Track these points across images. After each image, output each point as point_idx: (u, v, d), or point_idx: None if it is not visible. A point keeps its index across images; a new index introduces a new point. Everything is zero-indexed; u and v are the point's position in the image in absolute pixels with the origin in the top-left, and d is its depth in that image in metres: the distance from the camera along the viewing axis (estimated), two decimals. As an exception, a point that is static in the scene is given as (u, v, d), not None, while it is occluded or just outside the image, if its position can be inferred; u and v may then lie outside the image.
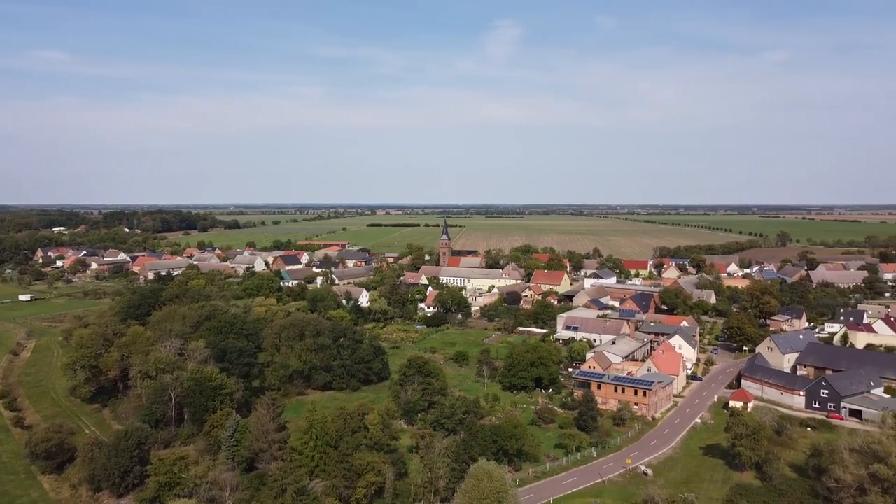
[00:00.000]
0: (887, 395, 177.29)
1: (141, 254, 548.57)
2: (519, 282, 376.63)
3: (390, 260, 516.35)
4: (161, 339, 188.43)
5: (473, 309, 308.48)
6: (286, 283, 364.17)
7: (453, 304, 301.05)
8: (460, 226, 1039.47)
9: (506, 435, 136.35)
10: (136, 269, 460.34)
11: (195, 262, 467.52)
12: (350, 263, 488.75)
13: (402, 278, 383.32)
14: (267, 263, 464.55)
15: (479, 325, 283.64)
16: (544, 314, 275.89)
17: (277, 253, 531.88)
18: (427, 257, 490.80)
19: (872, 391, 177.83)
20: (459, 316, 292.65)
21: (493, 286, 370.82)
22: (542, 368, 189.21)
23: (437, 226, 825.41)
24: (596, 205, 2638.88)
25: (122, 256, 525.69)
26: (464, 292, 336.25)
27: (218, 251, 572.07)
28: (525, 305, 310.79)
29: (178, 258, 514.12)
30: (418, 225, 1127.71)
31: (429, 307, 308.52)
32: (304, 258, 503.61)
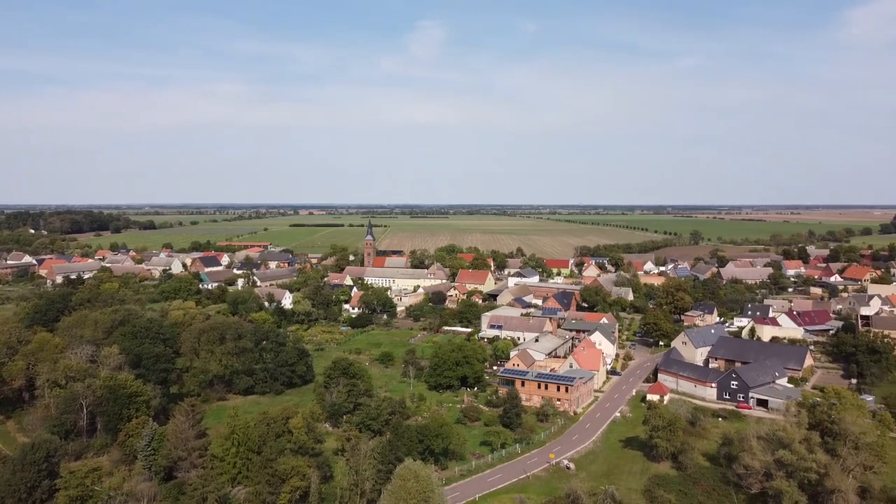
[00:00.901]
0: (790, 385, 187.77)
1: (48, 256, 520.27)
2: (444, 281, 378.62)
3: (314, 261, 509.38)
4: (71, 345, 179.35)
5: (399, 309, 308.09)
6: (205, 286, 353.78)
7: (378, 304, 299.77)
8: (385, 226, 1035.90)
9: (432, 434, 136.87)
10: (42, 272, 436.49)
11: (108, 265, 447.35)
12: (272, 265, 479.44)
13: (326, 279, 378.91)
14: (185, 265, 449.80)
15: (404, 326, 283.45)
16: (469, 313, 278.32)
17: (196, 254, 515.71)
18: (352, 258, 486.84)
19: (777, 381, 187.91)
20: (385, 316, 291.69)
21: (419, 286, 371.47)
22: (468, 367, 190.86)
23: (362, 226, 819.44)
24: (519, 205, 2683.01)
25: (28, 259, 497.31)
26: (389, 293, 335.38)
27: (132, 253, 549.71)
28: (450, 305, 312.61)
29: (90, 261, 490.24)
30: (342, 225, 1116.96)
31: (354, 308, 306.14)
32: (225, 260, 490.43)
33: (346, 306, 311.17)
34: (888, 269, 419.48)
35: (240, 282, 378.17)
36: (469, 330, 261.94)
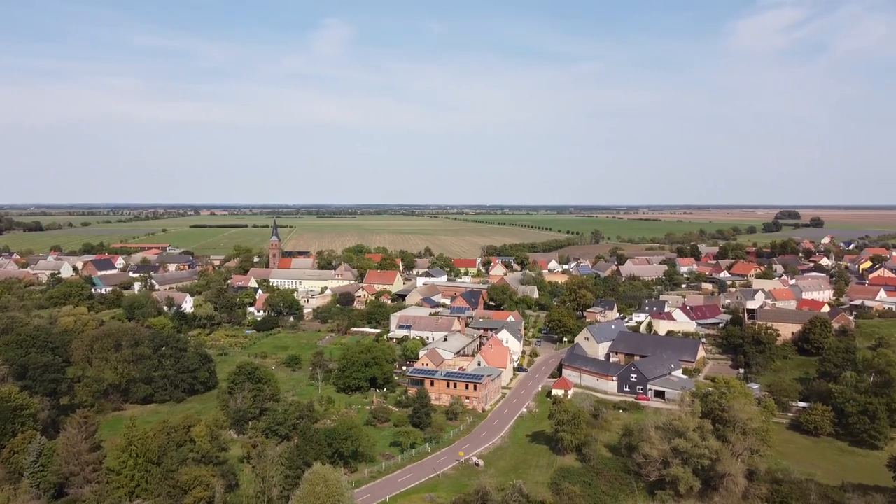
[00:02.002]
0: (685, 376, 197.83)
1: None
2: (352, 282, 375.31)
3: (216, 263, 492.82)
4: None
5: (306, 311, 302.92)
6: (99, 290, 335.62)
7: (285, 306, 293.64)
8: (291, 226, 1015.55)
9: (341, 437, 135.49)
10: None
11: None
12: (172, 267, 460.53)
13: (229, 282, 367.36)
14: (76, 269, 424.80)
15: (311, 328, 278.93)
16: (378, 314, 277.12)
17: (88, 257, 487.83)
18: (256, 259, 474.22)
19: (673, 373, 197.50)
20: (291, 319, 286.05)
21: (326, 287, 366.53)
22: (377, 368, 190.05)
23: (267, 226, 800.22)
24: (427, 205, 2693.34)
25: None
26: (295, 294, 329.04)
27: (16, 256, 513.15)
28: (358, 306, 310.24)
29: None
30: (246, 226, 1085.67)
31: (259, 311, 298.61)
32: (120, 262, 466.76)
33: (251, 309, 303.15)
34: (771, 265, 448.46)
35: (136, 285, 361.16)
36: (378, 331, 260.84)
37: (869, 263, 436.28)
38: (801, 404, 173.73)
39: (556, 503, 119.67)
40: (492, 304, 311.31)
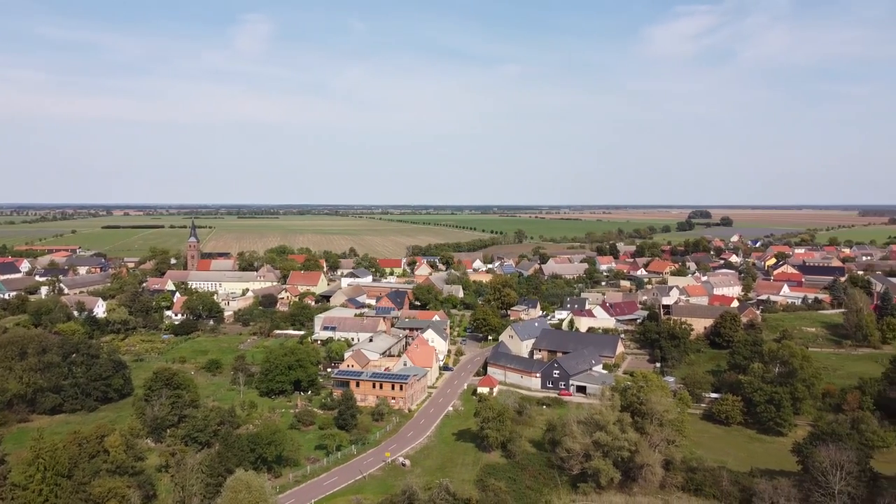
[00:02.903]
0: (605, 371, 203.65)
1: None
2: (275, 284, 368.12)
3: (131, 265, 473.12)
4: None
5: (227, 314, 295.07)
6: (2, 296, 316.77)
7: (204, 309, 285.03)
8: (210, 227, 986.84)
9: (264, 442, 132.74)
10: None
11: None
12: (82, 270, 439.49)
13: (144, 285, 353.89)
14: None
15: (233, 331, 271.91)
16: (302, 315, 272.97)
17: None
18: (174, 261, 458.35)
19: (594, 368, 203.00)
20: (211, 322, 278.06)
21: (248, 289, 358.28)
22: (301, 371, 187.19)
23: (185, 227, 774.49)
24: (351, 205, 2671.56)
25: None
26: (216, 297, 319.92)
27: None
28: (282, 308, 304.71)
29: None
30: (163, 226, 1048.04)
31: (177, 314, 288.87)
32: (25, 266, 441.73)
33: (169, 313, 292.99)
34: (684, 262, 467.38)
35: (43, 290, 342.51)
36: (302, 333, 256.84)
37: (774, 260, 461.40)
38: (714, 395, 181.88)
39: (482, 500, 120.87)
40: (417, 303, 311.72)
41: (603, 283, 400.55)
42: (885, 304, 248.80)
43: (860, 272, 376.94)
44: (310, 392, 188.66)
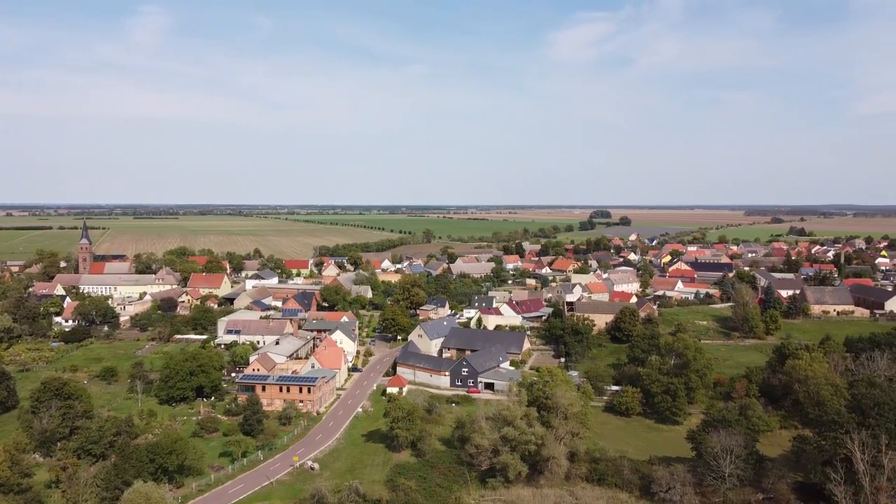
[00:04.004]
0: (512, 368, 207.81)
1: None
2: (174, 287, 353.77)
3: (15, 269, 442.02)
4: None
5: (122, 319, 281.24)
6: None
7: (97, 315, 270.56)
8: (104, 228, 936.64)
9: (164, 451, 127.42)
10: None
11: None
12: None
13: (30, 289, 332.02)
14: None
15: (129, 337, 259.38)
16: (204, 319, 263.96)
17: None
18: (63, 264, 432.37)
19: (501, 365, 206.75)
20: (106, 328, 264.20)
21: (146, 293, 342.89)
22: (204, 376, 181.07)
23: (76, 228, 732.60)
24: (255, 205, 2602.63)
25: None
26: (110, 301, 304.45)
27: None
28: (182, 311, 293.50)
29: None
30: (51, 227, 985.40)
31: (67, 321, 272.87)
32: None
33: (58, 319, 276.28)
34: (586, 260, 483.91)
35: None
36: (204, 337, 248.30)
37: (669, 258, 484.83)
38: (615, 388, 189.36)
39: (393, 500, 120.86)
40: (325, 305, 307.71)
41: (509, 282, 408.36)
42: (768, 298, 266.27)
43: (746, 268, 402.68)
44: (213, 398, 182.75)
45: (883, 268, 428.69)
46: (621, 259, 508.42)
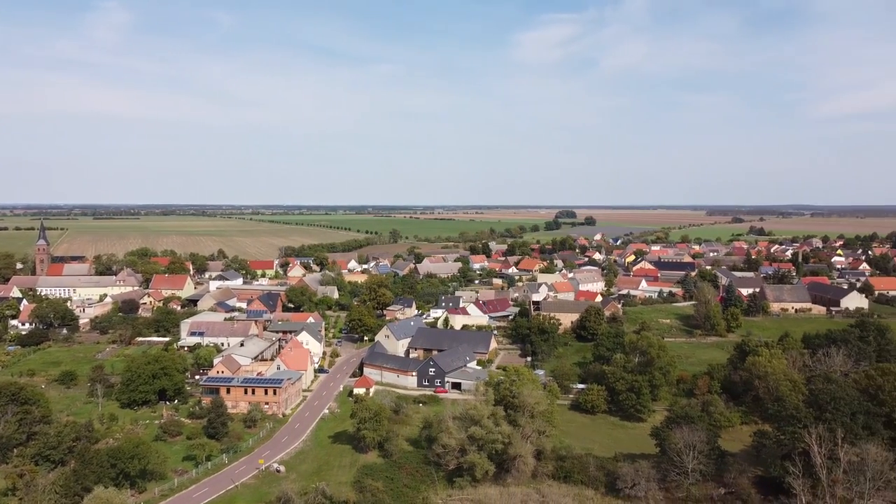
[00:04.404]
0: (479, 367, 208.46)
1: None
2: (136, 288, 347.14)
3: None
4: None
5: (82, 321, 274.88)
6: None
7: (56, 317, 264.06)
8: (62, 228, 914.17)
9: (126, 456, 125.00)
10: None
11: None
12: None
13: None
14: None
15: (89, 339, 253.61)
16: (166, 321, 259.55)
17: None
18: (20, 266, 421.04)
19: (469, 365, 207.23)
20: (65, 331, 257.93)
21: (106, 295, 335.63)
22: (167, 379, 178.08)
23: (33, 229, 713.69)
24: (219, 205, 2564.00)
25: None
26: (69, 304, 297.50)
27: None
28: (144, 313, 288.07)
29: None
30: (6, 228, 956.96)
31: (24, 324, 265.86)
32: None
33: (14, 322, 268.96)
34: (552, 260, 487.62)
35: None
36: (167, 339, 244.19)
37: (633, 257, 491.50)
38: (580, 386, 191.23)
39: (360, 501, 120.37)
40: (291, 305, 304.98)
41: (476, 282, 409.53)
42: (729, 296, 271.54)
43: (708, 267, 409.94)
44: (177, 401, 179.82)
45: (839, 266, 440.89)
46: (586, 259, 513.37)
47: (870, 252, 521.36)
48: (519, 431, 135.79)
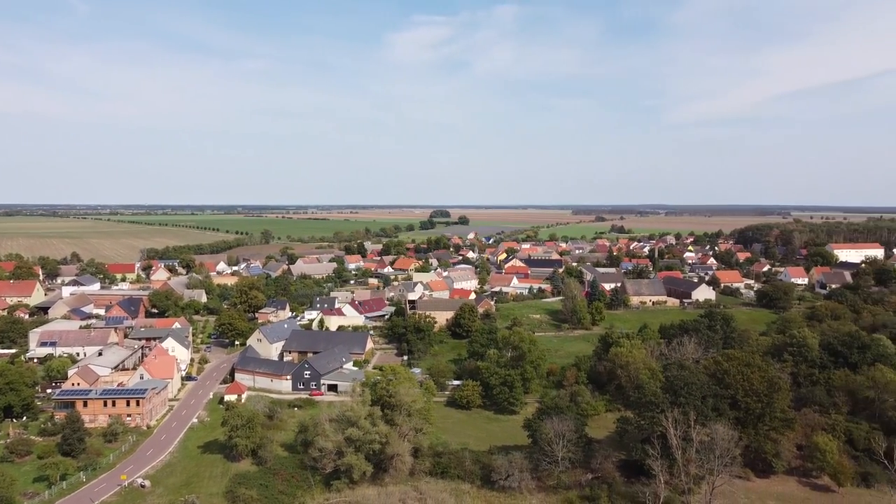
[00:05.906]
0: (356, 368, 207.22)
1: None
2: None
3: None
4: None
5: None
6: None
7: None
8: None
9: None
10: None
11: None
12: None
13: None
14: None
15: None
16: (12, 331, 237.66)
17: None
18: None
19: (345, 366, 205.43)
20: None
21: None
22: (13, 394, 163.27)
23: None
24: (73, 204, 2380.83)
25: None
26: None
27: None
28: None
29: None
30: None
31: None
32: None
33: None
34: (427, 259, 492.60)
35: None
36: (13, 351, 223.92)
37: (504, 255, 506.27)
38: (456, 382, 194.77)
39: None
40: (154, 311, 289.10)
41: (352, 282, 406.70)
42: (594, 291, 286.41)
43: (574, 264, 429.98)
44: (25, 418, 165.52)
45: (690, 262, 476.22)
46: (460, 257, 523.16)
47: (716, 248, 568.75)
48: (396, 430, 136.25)
